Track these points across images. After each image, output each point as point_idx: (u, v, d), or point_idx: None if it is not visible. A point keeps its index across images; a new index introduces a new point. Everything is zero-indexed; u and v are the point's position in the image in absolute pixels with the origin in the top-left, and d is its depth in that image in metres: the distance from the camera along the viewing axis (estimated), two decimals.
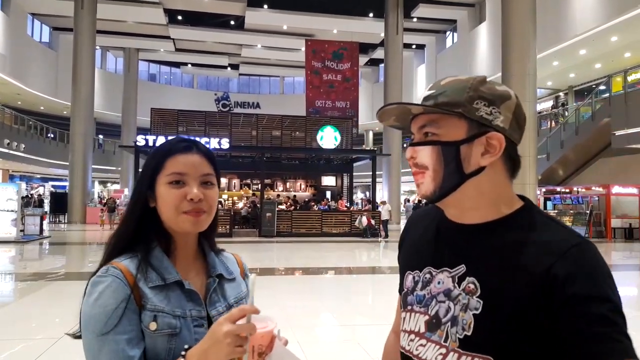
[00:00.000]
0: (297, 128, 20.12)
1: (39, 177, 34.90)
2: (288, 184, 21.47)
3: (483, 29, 26.64)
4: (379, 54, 31.49)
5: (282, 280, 8.55)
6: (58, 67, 31.10)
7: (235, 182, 21.41)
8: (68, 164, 23.59)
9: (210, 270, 1.07)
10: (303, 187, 21.53)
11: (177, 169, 0.99)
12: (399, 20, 24.70)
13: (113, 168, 32.49)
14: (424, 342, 0.85)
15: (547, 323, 0.73)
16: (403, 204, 27.71)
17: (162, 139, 16.49)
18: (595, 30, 18.12)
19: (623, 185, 17.94)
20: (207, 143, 16.66)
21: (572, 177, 20.94)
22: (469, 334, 0.79)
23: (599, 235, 17.87)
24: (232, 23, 30.88)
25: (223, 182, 20.86)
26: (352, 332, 5.34)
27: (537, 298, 0.74)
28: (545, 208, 21.57)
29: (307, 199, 20.02)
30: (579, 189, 19.84)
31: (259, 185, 19.07)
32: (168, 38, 32.33)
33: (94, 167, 25.58)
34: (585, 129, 18.51)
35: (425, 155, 0.86)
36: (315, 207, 18.99)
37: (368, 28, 29.40)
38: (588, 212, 18.34)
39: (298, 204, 19.18)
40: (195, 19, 30.02)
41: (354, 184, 25.04)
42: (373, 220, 17.02)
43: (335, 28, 29.64)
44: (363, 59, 33.28)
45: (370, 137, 41.74)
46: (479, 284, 0.80)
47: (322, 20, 28.63)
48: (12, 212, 13.79)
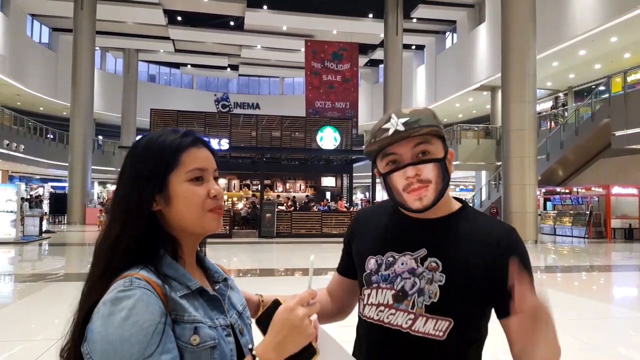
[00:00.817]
0: (296, 129, 20.11)
1: (39, 177, 34.87)
2: (288, 185, 21.46)
3: (482, 30, 26.64)
4: (379, 55, 31.50)
5: (282, 281, 8.54)
6: (57, 68, 31.08)
7: (235, 182, 21.40)
8: (67, 165, 23.58)
9: (214, 276, 1.00)
10: (303, 187, 21.52)
11: (198, 165, 0.90)
12: (399, 21, 24.70)
13: (113, 169, 32.41)
14: (393, 311, 1.06)
15: (491, 286, 1.01)
16: None
17: None
18: (595, 31, 18.11)
19: (623, 186, 17.94)
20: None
21: (571, 177, 20.94)
22: (435, 301, 1.02)
23: (599, 236, 17.87)
24: (231, 24, 30.87)
25: (222, 182, 20.86)
26: (352, 332, 5.31)
27: (489, 267, 1.02)
28: (545, 209, 21.59)
29: (306, 200, 20.00)
30: (579, 190, 19.84)
31: (259, 186, 19.06)
32: (168, 39, 32.32)
33: (94, 168, 25.55)
34: (585, 130, 18.50)
35: (429, 171, 1.04)
36: (315, 207, 18.99)
37: (368, 29, 29.40)
38: (588, 212, 18.36)
39: (298, 205, 19.17)
40: (195, 20, 30.01)
41: (354, 185, 25.04)
42: None
43: (335, 29, 29.64)
44: (363, 60, 33.28)
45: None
46: (441, 262, 1.04)
47: (321, 21, 28.62)
48: (11, 212, 13.78)
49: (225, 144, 17.24)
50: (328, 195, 21.22)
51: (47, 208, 25.55)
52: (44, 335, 4.81)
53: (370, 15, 28.50)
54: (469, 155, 25.84)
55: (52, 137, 28.90)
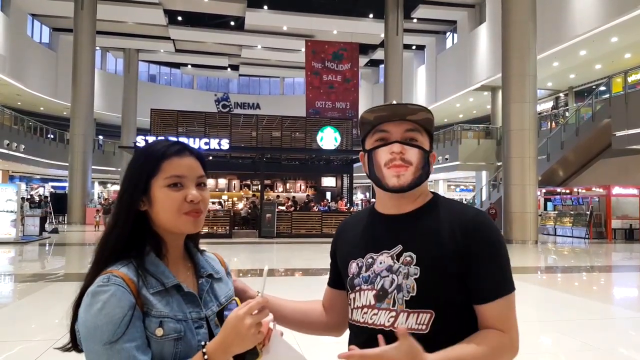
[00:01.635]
0: (297, 129, 20.10)
1: (39, 177, 34.87)
2: (288, 185, 21.44)
3: (483, 30, 26.63)
4: (379, 55, 31.49)
5: (282, 282, 8.53)
6: (58, 67, 31.09)
7: (235, 183, 21.38)
8: (68, 165, 23.60)
9: (200, 271, 1.09)
10: (303, 188, 21.50)
11: (175, 172, 1.01)
12: (399, 21, 24.70)
13: (113, 169, 32.46)
14: (376, 311, 1.08)
15: (464, 267, 1.03)
16: None
17: None
18: (596, 31, 18.10)
19: (623, 186, 17.93)
20: (207, 144, 16.67)
21: (572, 178, 20.92)
22: (414, 295, 1.04)
23: (600, 236, 17.86)
24: (232, 24, 30.89)
25: (223, 182, 20.84)
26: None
27: (458, 252, 1.04)
28: (546, 209, 21.58)
29: (306, 200, 19.99)
30: (579, 190, 19.83)
31: (259, 186, 19.06)
32: (168, 39, 32.33)
33: (94, 167, 25.57)
34: (586, 130, 18.49)
35: (413, 155, 1.10)
36: (315, 207, 18.98)
37: (368, 29, 29.40)
38: (588, 213, 18.34)
39: (298, 205, 19.16)
40: (195, 20, 30.03)
41: (354, 185, 25.02)
42: None
43: (335, 29, 29.64)
44: (363, 60, 33.28)
45: None
46: (415, 255, 1.06)
47: (322, 21, 28.62)
48: (11, 212, 13.78)
49: (226, 144, 17.23)
50: (328, 196, 21.21)
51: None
52: (44, 336, 4.80)
53: (371, 16, 28.51)
54: (469, 156, 25.83)
55: (52, 137, 28.92)
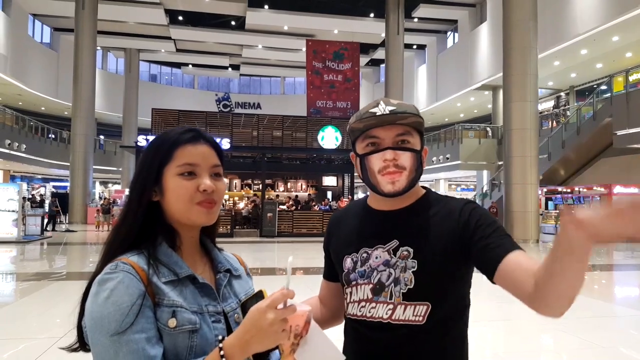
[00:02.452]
0: (298, 128, 20.12)
1: (40, 177, 34.92)
2: (289, 184, 21.46)
3: (484, 29, 26.62)
4: (380, 54, 31.49)
5: (283, 280, 8.54)
6: (59, 67, 31.14)
7: (237, 182, 21.40)
8: (69, 165, 23.63)
9: (218, 266, 1.04)
10: (304, 187, 21.51)
11: (188, 160, 0.95)
12: (400, 21, 24.69)
13: (114, 168, 32.49)
14: (374, 305, 1.09)
15: (464, 252, 1.04)
16: None
17: None
18: (596, 30, 18.10)
19: (625, 185, 17.93)
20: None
21: (573, 177, 20.92)
22: (411, 287, 1.05)
23: None
24: (232, 23, 30.90)
25: (224, 182, 20.83)
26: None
27: (456, 235, 1.05)
28: (547, 208, 21.55)
29: (307, 199, 20.00)
30: (581, 189, 19.82)
31: (260, 186, 19.07)
32: (169, 38, 32.35)
33: (95, 167, 25.61)
34: (587, 129, 18.48)
35: (406, 159, 1.09)
36: (317, 207, 18.99)
37: (369, 28, 29.41)
38: None
39: (300, 204, 19.18)
40: (196, 20, 30.05)
41: (355, 184, 25.02)
42: None
43: (336, 28, 29.65)
44: (364, 59, 33.30)
45: None
46: (412, 249, 1.07)
47: (322, 21, 28.64)
48: (13, 212, 13.81)
49: (227, 144, 17.25)
50: (329, 195, 21.22)
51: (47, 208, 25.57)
52: (48, 334, 4.82)
53: (372, 15, 28.52)
54: (470, 155, 25.82)
55: (53, 136, 28.95)
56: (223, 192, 1.00)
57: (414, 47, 34.36)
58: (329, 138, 18.56)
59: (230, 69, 41.28)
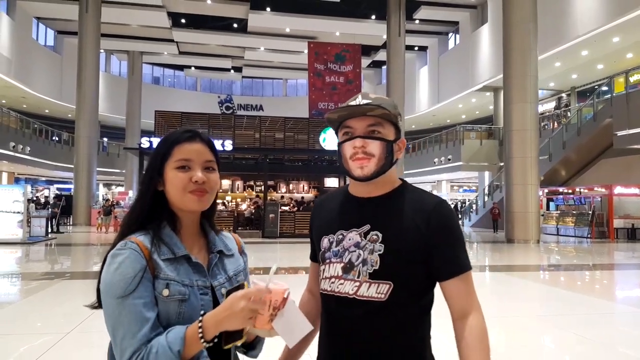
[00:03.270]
0: (299, 130, 20.22)
1: (44, 179, 35.12)
2: (291, 186, 21.55)
3: (485, 31, 26.71)
4: (382, 56, 31.61)
5: (285, 280, 8.63)
6: (63, 70, 31.36)
7: (239, 183, 21.51)
8: (73, 167, 23.79)
9: (212, 247, 1.22)
10: (306, 188, 21.61)
11: (183, 156, 1.13)
12: (401, 22, 24.80)
13: (117, 170, 32.68)
14: (342, 281, 1.21)
15: (427, 250, 1.17)
16: None
17: None
18: (597, 31, 18.17)
19: (625, 186, 17.98)
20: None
21: (574, 177, 20.98)
22: (377, 268, 1.17)
23: (602, 236, 17.90)
24: (235, 26, 31.06)
25: (226, 183, 20.98)
26: None
27: (421, 235, 1.17)
28: (548, 209, 21.62)
29: (312, 200, 20.09)
30: (582, 190, 19.88)
31: (262, 187, 19.18)
32: (171, 41, 32.55)
33: (99, 169, 25.77)
34: (587, 130, 18.55)
35: (374, 147, 1.20)
36: None
37: (370, 30, 29.54)
38: (590, 212, 18.38)
39: (303, 205, 19.28)
40: (199, 22, 30.22)
41: None
42: None
43: (338, 30, 29.79)
44: (365, 61, 33.40)
45: None
46: (381, 234, 1.19)
47: (324, 23, 28.78)
48: (18, 213, 13.96)
49: (229, 145, 17.38)
50: None
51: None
52: (53, 330, 4.94)
53: (373, 17, 28.64)
54: (472, 156, 25.89)
55: (57, 139, 29.14)
56: (215, 183, 1.17)
57: (416, 48, 34.46)
58: (331, 139, 18.67)
59: (233, 71, 41.46)
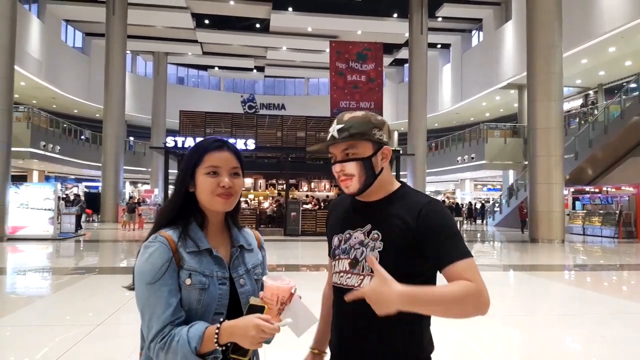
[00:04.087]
0: (321, 129, 20.31)
1: (73, 177, 36.04)
2: (312, 184, 21.69)
3: (509, 28, 26.36)
4: (404, 54, 31.48)
5: (306, 277, 8.77)
6: (91, 71, 32.15)
7: (261, 182, 21.74)
8: (101, 165, 24.40)
9: (234, 242, 1.37)
10: (327, 187, 21.71)
11: (213, 163, 1.29)
12: (424, 20, 24.68)
13: (143, 169, 33.34)
14: (349, 275, 1.37)
15: (420, 244, 1.28)
16: None
17: (190, 140, 17.01)
18: (624, 28, 17.76)
19: None
20: (233, 144, 17.02)
21: (601, 176, 20.55)
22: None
23: (629, 236, 17.52)
24: (257, 26, 31.36)
25: (249, 182, 21.26)
26: None
27: (412, 231, 1.29)
28: (574, 208, 21.25)
29: (328, 198, 20.19)
30: (609, 189, 19.49)
31: (284, 185, 19.36)
32: (195, 42, 33.02)
33: (125, 168, 26.36)
34: (615, 128, 18.17)
35: (351, 168, 1.36)
36: None
37: (392, 28, 29.44)
38: (618, 212, 18.02)
39: (326, 203, 19.39)
40: (222, 23, 30.61)
41: None
42: None
43: (360, 29, 29.78)
44: (387, 60, 33.31)
45: (395, 137, 41.63)
46: (381, 233, 1.33)
47: (346, 22, 28.82)
48: (49, 210, 14.43)
49: (252, 144, 17.60)
50: None
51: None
52: (85, 322, 5.16)
53: (395, 15, 28.54)
54: (496, 155, 25.60)
55: (85, 138, 29.89)
56: (239, 187, 1.33)
57: (438, 46, 34.20)
58: None
59: (255, 71, 41.83)
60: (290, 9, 28.11)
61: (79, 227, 17.89)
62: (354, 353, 1.36)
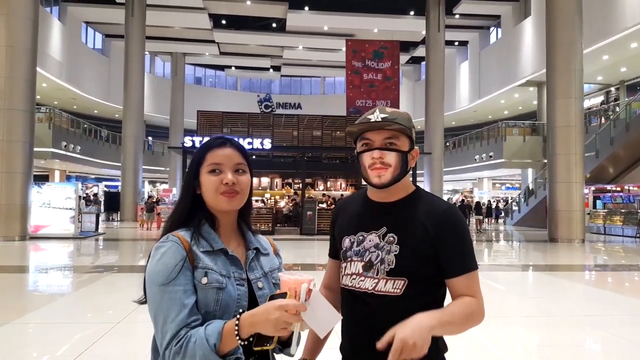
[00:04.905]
0: (337, 128, 20.30)
1: (93, 177, 36.66)
2: (329, 183, 21.70)
3: (528, 24, 25.98)
4: (421, 52, 31.24)
5: (323, 276, 8.79)
6: (110, 72, 32.63)
7: (278, 181, 21.83)
8: (120, 165, 24.76)
9: (249, 244, 1.32)
10: (343, 186, 21.70)
11: (214, 160, 1.25)
12: (441, 18, 24.48)
13: (162, 168, 33.72)
14: (362, 278, 1.36)
15: (435, 250, 1.30)
16: None
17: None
18: None
19: None
20: (250, 143, 17.18)
21: (623, 175, 20.15)
22: (393, 267, 1.31)
23: None
24: (274, 25, 31.47)
25: (265, 181, 21.36)
26: None
27: (430, 237, 1.30)
28: (595, 207, 20.88)
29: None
30: (630, 188, 19.11)
31: (300, 185, 19.41)
32: (213, 42, 33.28)
33: (144, 167, 26.70)
34: (637, 125, 17.79)
35: (391, 158, 1.33)
36: None
37: (409, 26, 29.25)
38: (639, 211, 17.66)
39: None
40: (239, 23, 30.79)
41: None
42: None
43: (376, 27, 29.67)
44: (404, 57, 33.12)
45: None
46: (397, 236, 1.33)
47: (362, 20, 28.74)
48: (70, 210, 14.71)
49: (268, 144, 17.67)
50: None
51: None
52: (104, 320, 5.26)
53: (412, 13, 28.36)
54: (515, 153, 25.29)
55: (105, 138, 30.36)
56: (245, 184, 1.27)
57: (456, 43, 33.88)
58: None
59: (272, 70, 41.99)
60: (307, 8, 28.14)
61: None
62: (370, 358, 1.30)
